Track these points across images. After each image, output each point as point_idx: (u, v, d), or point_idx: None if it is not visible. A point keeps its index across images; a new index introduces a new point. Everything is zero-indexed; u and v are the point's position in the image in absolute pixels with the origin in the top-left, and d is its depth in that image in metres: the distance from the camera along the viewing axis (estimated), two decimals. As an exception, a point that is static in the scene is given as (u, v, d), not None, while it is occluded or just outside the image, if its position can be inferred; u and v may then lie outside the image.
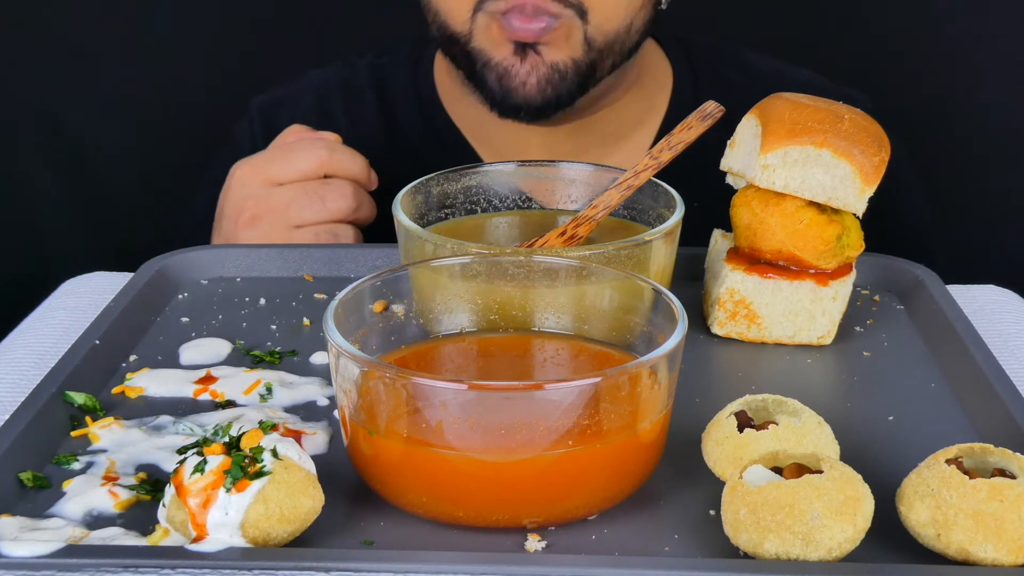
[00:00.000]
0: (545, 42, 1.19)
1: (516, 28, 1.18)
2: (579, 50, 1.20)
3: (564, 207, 1.06)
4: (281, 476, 0.70)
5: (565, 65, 1.21)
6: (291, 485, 0.71)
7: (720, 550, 0.72)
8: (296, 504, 0.71)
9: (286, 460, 0.71)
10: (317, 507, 0.72)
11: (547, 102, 1.22)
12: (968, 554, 0.70)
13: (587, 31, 1.20)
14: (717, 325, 0.99)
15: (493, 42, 1.20)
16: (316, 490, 0.72)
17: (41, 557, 0.70)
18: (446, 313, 0.87)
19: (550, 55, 1.20)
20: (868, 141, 0.94)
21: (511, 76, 1.21)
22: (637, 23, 1.23)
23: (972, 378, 0.90)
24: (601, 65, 1.23)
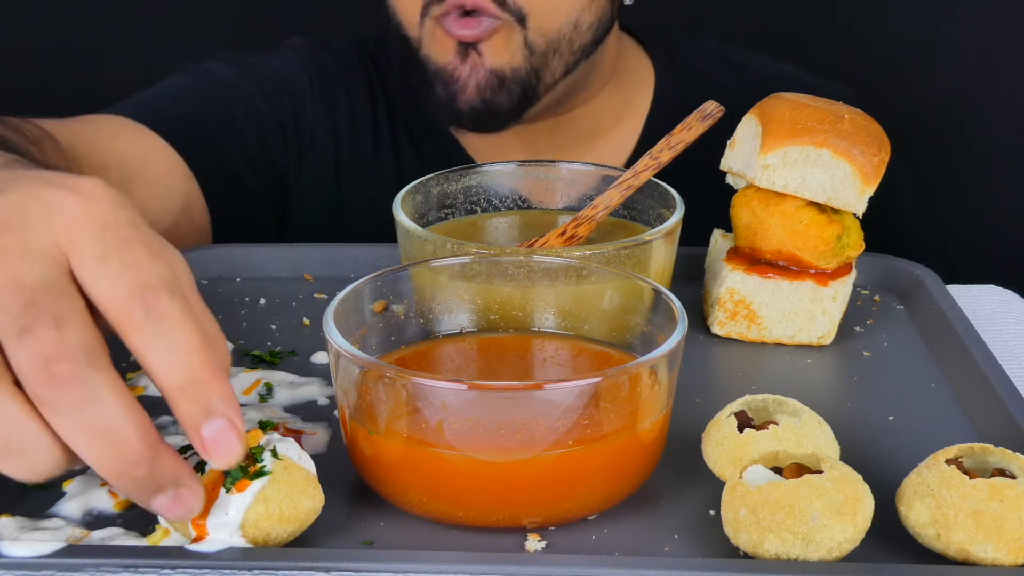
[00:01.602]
0: (485, 43, 1.19)
1: (454, 29, 1.18)
2: (519, 56, 1.20)
3: (564, 207, 1.06)
4: (281, 476, 0.70)
5: (503, 71, 1.20)
6: (291, 485, 0.70)
7: (720, 550, 0.72)
8: (296, 504, 0.70)
9: (286, 460, 0.71)
10: (317, 507, 0.72)
11: (488, 109, 1.21)
12: (968, 554, 0.70)
13: (527, 36, 1.19)
14: (717, 325, 0.99)
15: (439, 46, 1.20)
16: (316, 490, 0.72)
17: (41, 557, 0.70)
18: (446, 313, 0.87)
19: (490, 58, 1.19)
20: (868, 141, 0.94)
21: (454, 79, 1.20)
22: (586, 19, 1.22)
23: (972, 378, 0.90)
24: (549, 69, 1.22)
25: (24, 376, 0.62)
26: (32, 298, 0.62)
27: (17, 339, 0.61)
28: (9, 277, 0.62)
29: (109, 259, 0.64)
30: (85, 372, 0.61)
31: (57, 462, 0.63)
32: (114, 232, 0.64)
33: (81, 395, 0.61)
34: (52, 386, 0.61)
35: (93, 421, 0.62)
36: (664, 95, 1.36)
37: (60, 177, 0.67)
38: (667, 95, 1.36)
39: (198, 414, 0.64)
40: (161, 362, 0.63)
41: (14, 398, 0.62)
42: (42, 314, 0.61)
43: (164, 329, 0.63)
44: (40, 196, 0.65)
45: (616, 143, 1.35)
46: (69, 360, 0.61)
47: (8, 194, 0.66)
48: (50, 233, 0.64)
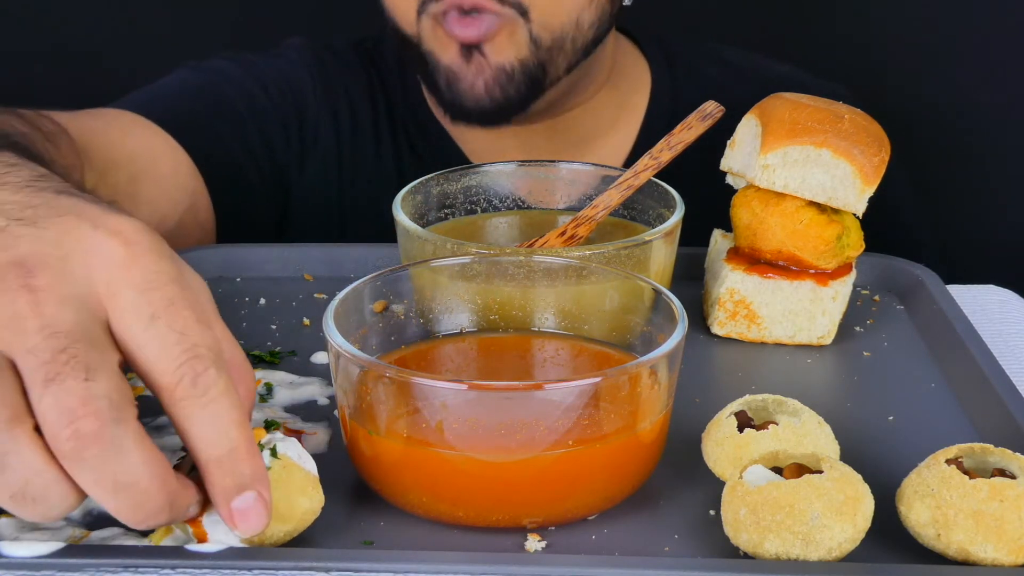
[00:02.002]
0: (489, 43, 1.18)
1: (455, 30, 1.17)
2: (525, 50, 1.19)
3: (564, 207, 1.06)
4: (279, 475, 0.70)
5: (512, 66, 1.19)
6: (288, 485, 0.70)
7: (720, 550, 0.72)
8: (293, 504, 0.70)
9: (285, 459, 0.71)
10: (316, 508, 0.72)
11: (497, 105, 1.21)
12: (968, 554, 0.70)
13: (532, 29, 1.18)
14: (717, 325, 0.99)
15: (441, 45, 1.20)
16: (315, 491, 0.72)
17: (41, 557, 0.70)
18: (446, 313, 0.87)
19: (495, 56, 1.19)
20: (868, 141, 0.94)
21: (459, 79, 1.20)
22: (587, 17, 1.22)
23: (972, 378, 0.90)
24: (554, 64, 1.22)
25: (47, 426, 0.61)
26: (64, 344, 0.61)
27: (43, 386, 0.60)
28: (44, 321, 0.61)
29: (156, 323, 0.63)
30: (109, 429, 0.61)
31: (71, 507, 0.63)
32: (160, 292, 0.63)
33: (104, 452, 0.61)
34: (75, 440, 0.60)
35: (115, 477, 0.61)
36: (661, 96, 1.36)
37: (101, 215, 0.66)
38: (664, 96, 1.36)
39: (231, 488, 0.65)
40: (200, 435, 0.64)
41: (34, 445, 0.61)
42: (72, 362, 0.60)
43: (208, 403, 0.63)
44: (80, 238, 0.64)
45: (613, 145, 1.35)
46: (95, 415, 0.60)
47: (47, 231, 0.64)
48: (89, 281, 0.63)
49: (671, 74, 1.38)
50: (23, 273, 0.62)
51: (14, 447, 0.60)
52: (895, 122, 1.07)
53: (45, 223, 0.65)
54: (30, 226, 0.65)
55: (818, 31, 1.85)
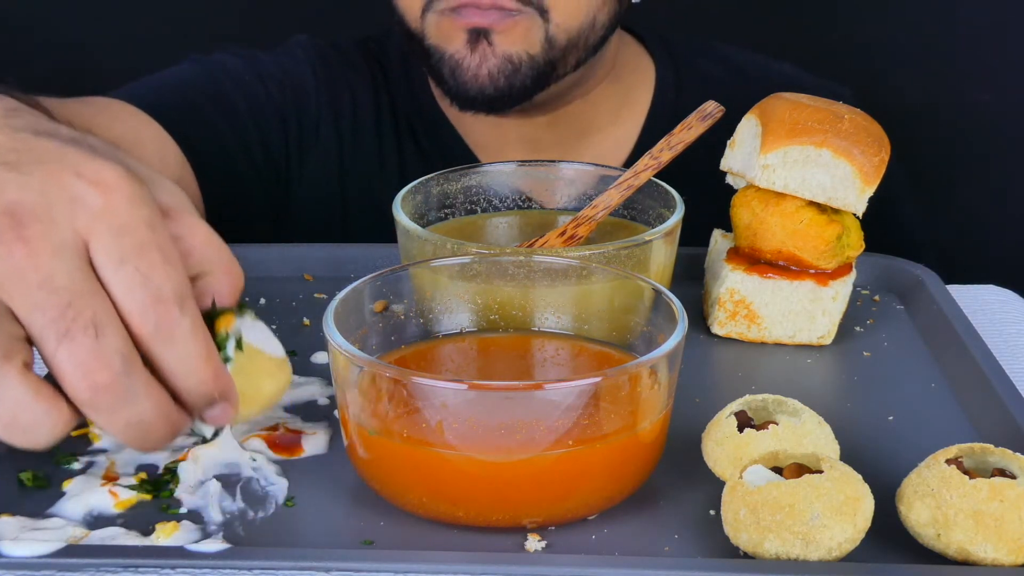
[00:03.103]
0: (499, 32, 1.18)
1: (470, 19, 1.18)
2: (537, 47, 1.19)
3: (564, 207, 1.06)
4: (244, 364, 0.72)
5: (519, 58, 1.19)
6: (253, 371, 0.73)
7: (720, 550, 0.72)
8: (259, 388, 0.74)
9: (249, 348, 0.73)
10: (282, 387, 0.75)
11: (500, 92, 1.21)
12: (968, 554, 0.70)
13: (549, 30, 1.19)
14: (717, 325, 0.99)
15: (445, 37, 1.20)
16: (281, 371, 0.75)
17: (41, 557, 0.70)
18: (446, 313, 0.87)
19: (503, 45, 1.19)
20: (868, 141, 0.94)
21: (463, 69, 1.20)
22: (601, 18, 1.23)
23: (972, 378, 0.90)
24: (564, 63, 1.22)
25: (64, 380, 0.66)
26: (68, 299, 0.65)
27: (57, 343, 0.66)
28: (42, 274, 0.65)
29: (125, 266, 0.67)
30: (122, 379, 0.66)
31: (59, 435, 0.68)
32: (132, 235, 0.67)
33: (118, 399, 0.67)
34: (92, 392, 0.66)
35: (129, 419, 0.68)
36: (664, 92, 1.37)
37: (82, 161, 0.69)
38: (667, 93, 1.37)
39: (202, 406, 0.70)
40: (171, 368, 0.69)
41: (23, 380, 0.66)
42: (80, 319, 0.66)
43: (175, 342, 0.68)
44: (64, 186, 0.68)
45: (616, 138, 1.36)
46: (108, 369, 0.66)
47: (31, 176, 0.68)
48: (72, 227, 0.67)
49: (674, 71, 1.38)
50: (14, 224, 0.66)
51: (4, 381, 0.66)
52: (895, 122, 1.07)
53: (28, 168, 0.68)
54: (14, 171, 0.68)
55: (818, 31, 1.85)
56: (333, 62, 1.37)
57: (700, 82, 1.37)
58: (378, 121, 1.36)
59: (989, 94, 1.83)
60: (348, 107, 1.35)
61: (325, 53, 1.38)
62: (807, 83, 1.38)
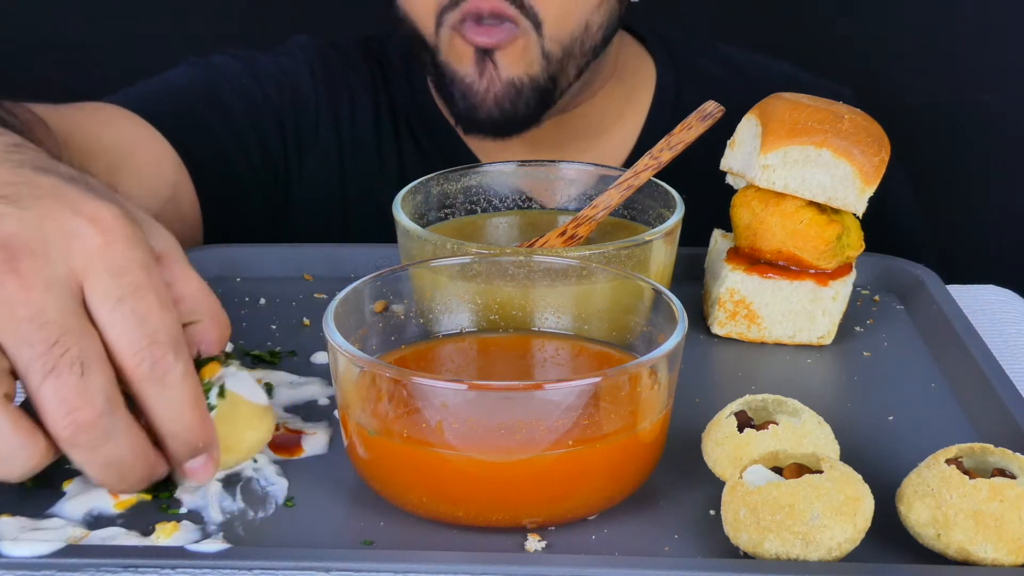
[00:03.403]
0: (501, 52, 1.19)
1: (471, 36, 1.18)
2: (536, 66, 1.20)
3: (564, 207, 1.06)
4: (226, 412, 0.74)
5: (520, 81, 1.20)
6: (235, 420, 0.75)
7: (720, 550, 0.72)
8: (240, 438, 0.75)
9: (232, 396, 0.75)
10: (263, 438, 0.77)
11: (507, 117, 1.22)
12: (968, 554, 0.70)
13: (544, 44, 1.19)
14: (717, 325, 0.99)
15: (457, 56, 1.21)
16: (262, 422, 0.76)
17: (41, 557, 0.70)
18: (446, 313, 0.87)
19: (506, 70, 1.20)
20: (868, 141, 0.94)
21: (473, 93, 1.21)
22: (596, 20, 1.23)
23: (972, 378, 0.90)
24: (564, 74, 1.23)
25: (46, 414, 0.67)
26: (56, 336, 0.66)
27: (42, 378, 0.66)
28: (32, 309, 0.66)
29: (122, 306, 0.68)
30: (104, 419, 0.67)
31: (34, 469, 0.69)
32: (129, 277, 0.68)
33: (97, 438, 0.67)
34: (73, 428, 0.67)
35: (108, 458, 0.69)
36: (665, 93, 1.37)
37: (80, 200, 0.69)
38: (668, 93, 1.37)
39: (184, 454, 0.72)
40: (159, 413, 0.70)
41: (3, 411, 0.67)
42: (67, 355, 0.66)
43: (166, 386, 0.69)
44: (61, 223, 0.68)
45: (618, 140, 1.36)
46: (91, 407, 0.67)
47: (29, 211, 0.68)
48: (67, 263, 0.67)
49: (675, 71, 1.38)
50: (9, 256, 0.66)
51: None
52: (895, 122, 1.07)
53: (27, 203, 0.69)
54: (12, 205, 0.69)
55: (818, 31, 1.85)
56: (332, 62, 1.37)
57: (700, 82, 1.37)
58: (377, 121, 1.36)
59: (989, 94, 1.83)
60: (347, 107, 1.35)
61: (325, 53, 1.38)
62: (807, 83, 1.38)
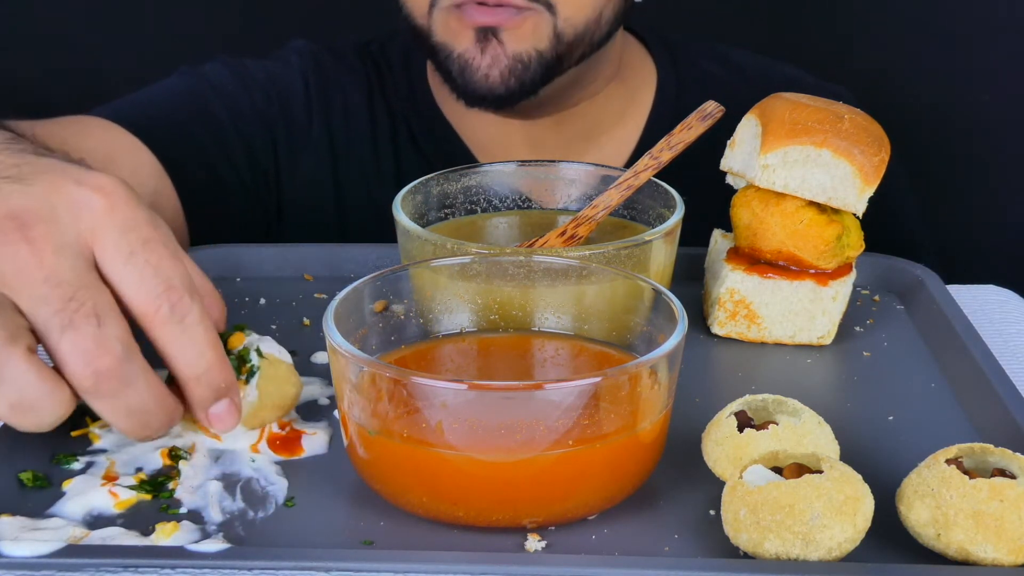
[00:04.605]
0: (508, 30, 1.18)
1: (475, 16, 1.18)
2: (545, 42, 1.20)
3: (564, 207, 1.06)
4: (268, 370, 0.79)
5: (528, 56, 1.20)
6: (277, 377, 0.80)
7: (720, 550, 0.72)
8: (284, 393, 0.80)
9: (269, 356, 0.80)
10: (299, 392, 0.82)
11: (510, 92, 1.22)
12: (968, 554, 0.70)
13: (557, 25, 1.19)
14: (717, 325, 0.99)
15: (453, 34, 1.20)
16: (296, 377, 0.81)
17: (41, 557, 0.70)
18: (446, 313, 0.87)
19: (512, 45, 1.19)
20: (868, 141, 0.94)
21: (472, 69, 1.20)
22: (607, 13, 1.23)
23: (972, 378, 0.90)
24: (569, 57, 1.23)
25: (67, 366, 0.70)
26: (71, 293, 0.69)
27: (60, 333, 0.69)
28: (46, 271, 0.69)
29: (134, 258, 0.71)
30: (123, 366, 0.70)
31: (61, 416, 0.71)
32: (137, 232, 0.72)
33: (118, 385, 0.70)
34: (95, 378, 0.70)
35: (129, 405, 0.71)
36: (666, 94, 1.37)
37: (81, 173, 0.73)
38: (669, 94, 1.37)
39: (208, 399, 0.74)
40: (181, 355, 0.73)
41: (28, 362, 0.69)
42: (82, 309, 0.69)
43: (186, 327, 0.72)
44: (66, 193, 0.72)
45: (619, 140, 1.36)
46: (111, 355, 0.69)
47: (34, 186, 0.72)
48: (77, 229, 0.71)
49: (676, 72, 1.38)
50: (19, 226, 0.70)
51: (10, 363, 0.69)
52: (895, 122, 1.07)
53: (31, 180, 0.73)
54: (18, 183, 0.72)
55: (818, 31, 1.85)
56: (327, 65, 1.37)
57: (701, 83, 1.37)
58: (374, 124, 1.36)
59: (989, 94, 1.83)
60: (340, 110, 1.35)
61: (319, 57, 1.38)
62: (807, 83, 1.38)
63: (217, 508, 0.76)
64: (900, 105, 1.70)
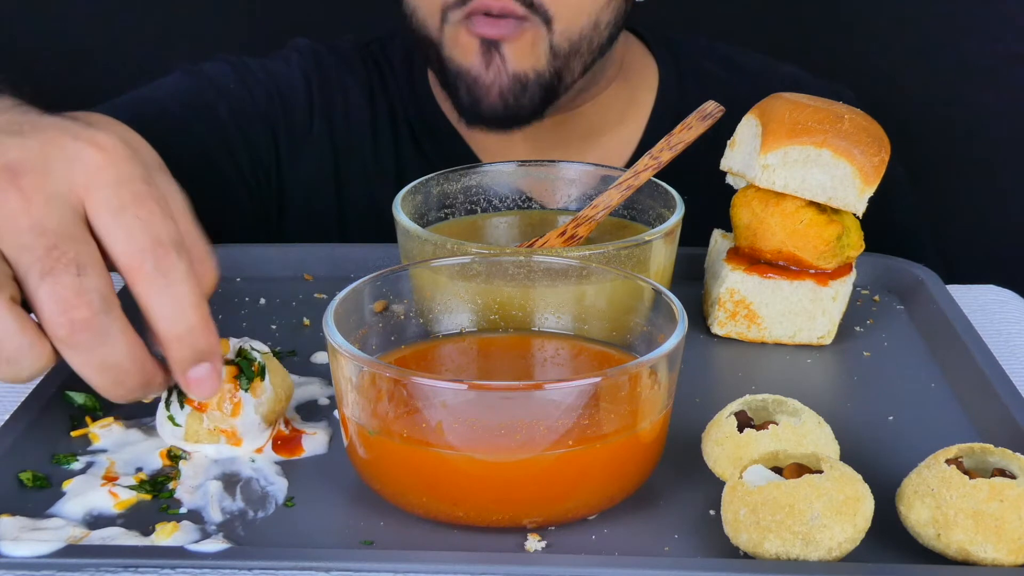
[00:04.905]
0: (509, 44, 1.19)
1: (479, 28, 1.18)
2: (543, 60, 1.20)
3: (564, 207, 1.06)
4: (270, 364, 0.82)
5: (526, 76, 1.20)
6: (279, 370, 0.83)
7: (720, 550, 0.72)
8: (287, 384, 0.83)
9: (264, 352, 0.83)
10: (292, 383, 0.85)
11: (510, 111, 1.22)
12: (968, 554, 0.70)
13: (552, 40, 1.19)
14: (717, 325, 0.99)
15: (463, 50, 1.21)
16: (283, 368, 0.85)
17: (41, 557, 0.70)
18: (446, 313, 0.87)
19: (512, 63, 1.19)
20: (868, 141, 0.94)
21: (479, 85, 1.21)
22: (605, 18, 1.23)
23: (972, 378, 0.90)
24: (569, 70, 1.23)
25: (44, 313, 0.68)
26: (55, 242, 0.68)
27: (39, 279, 0.68)
28: (33, 219, 0.68)
29: (124, 212, 0.70)
30: (100, 318, 0.68)
31: (41, 369, 0.70)
32: (129, 187, 0.70)
33: (95, 338, 0.68)
34: (70, 327, 0.68)
35: (104, 360, 0.69)
36: (668, 93, 1.37)
37: (78, 128, 0.73)
38: (671, 93, 1.37)
39: (188, 360, 0.72)
40: (162, 312, 0.71)
41: (9, 312, 0.68)
42: (63, 258, 0.68)
43: (170, 283, 0.70)
44: (61, 145, 0.71)
45: (620, 140, 1.36)
46: (88, 306, 0.68)
47: (29, 139, 0.72)
48: (69, 181, 0.70)
49: (677, 72, 1.38)
50: (11, 176, 0.69)
51: None
52: (895, 122, 1.07)
53: (30, 134, 0.72)
54: (17, 136, 0.72)
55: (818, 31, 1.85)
56: (328, 65, 1.38)
57: (703, 83, 1.37)
58: (375, 123, 1.36)
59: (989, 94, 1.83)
60: (341, 110, 1.35)
61: (321, 56, 1.38)
62: (808, 83, 1.38)
63: (217, 508, 0.76)
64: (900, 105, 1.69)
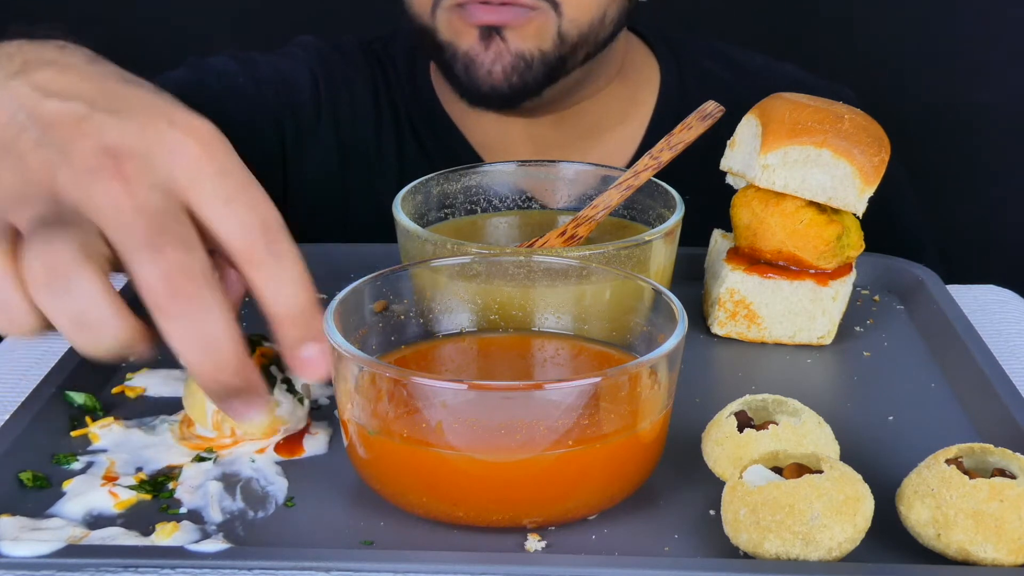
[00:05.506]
0: (512, 29, 1.19)
1: (478, 16, 1.18)
2: (549, 42, 1.20)
3: (564, 207, 1.06)
4: None
5: (531, 55, 1.20)
6: None
7: (720, 550, 0.72)
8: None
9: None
10: None
11: (514, 90, 1.22)
12: (968, 554, 0.70)
13: (561, 25, 1.20)
14: (717, 325, 0.99)
15: (457, 33, 1.21)
16: None
17: (41, 557, 0.70)
18: (446, 313, 0.87)
19: (516, 43, 1.19)
20: (868, 141, 0.94)
21: (476, 66, 1.21)
22: (611, 13, 1.23)
23: (972, 378, 0.90)
24: (573, 57, 1.23)
25: (146, 283, 0.68)
26: (161, 223, 0.68)
27: (148, 254, 0.68)
28: (137, 201, 0.68)
29: (232, 203, 0.71)
30: (204, 291, 0.68)
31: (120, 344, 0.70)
32: (234, 177, 0.72)
33: (197, 309, 0.68)
34: (174, 298, 0.68)
35: (202, 333, 0.69)
36: (669, 93, 1.37)
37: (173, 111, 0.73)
38: (672, 93, 1.37)
39: (299, 339, 0.73)
40: (276, 293, 0.72)
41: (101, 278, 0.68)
42: (171, 235, 0.68)
43: (283, 265, 0.72)
44: (160, 132, 0.71)
45: (621, 139, 1.36)
46: (192, 280, 0.68)
47: (127, 120, 0.71)
48: (170, 174, 0.70)
49: (679, 72, 1.39)
50: (114, 161, 0.69)
51: (81, 277, 0.67)
52: (895, 122, 1.07)
53: (125, 114, 0.72)
54: (112, 115, 0.71)
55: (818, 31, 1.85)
56: (333, 62, 1.38)
57: (704, 82, 1.37)
58: (378, 121, 1.36)
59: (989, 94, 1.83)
60: (347, 107, 1.36)
61: (326, 54, 1.38)
62: (809, 83, 1.38)
63: (217, 508, 0.76)
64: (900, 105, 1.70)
